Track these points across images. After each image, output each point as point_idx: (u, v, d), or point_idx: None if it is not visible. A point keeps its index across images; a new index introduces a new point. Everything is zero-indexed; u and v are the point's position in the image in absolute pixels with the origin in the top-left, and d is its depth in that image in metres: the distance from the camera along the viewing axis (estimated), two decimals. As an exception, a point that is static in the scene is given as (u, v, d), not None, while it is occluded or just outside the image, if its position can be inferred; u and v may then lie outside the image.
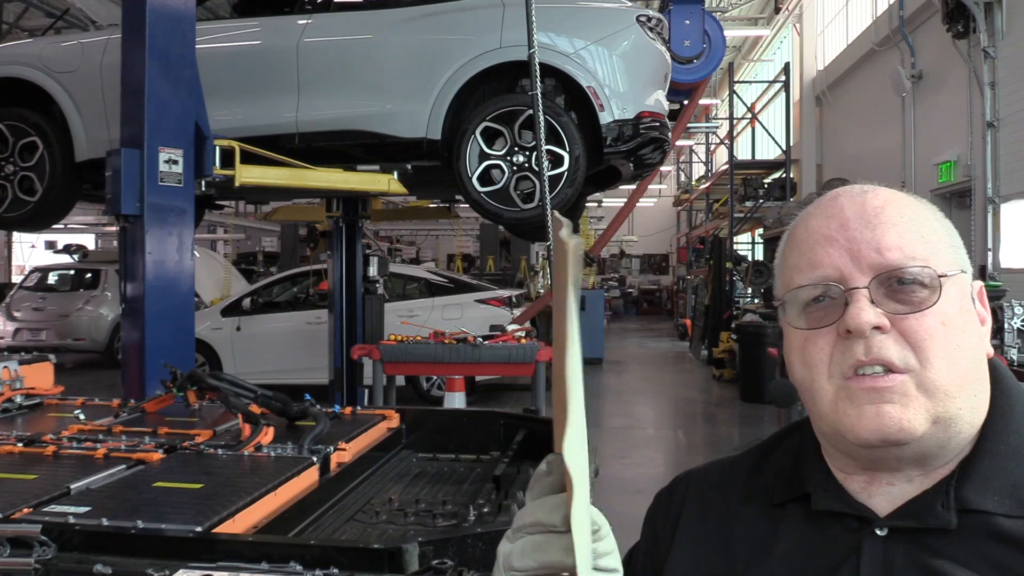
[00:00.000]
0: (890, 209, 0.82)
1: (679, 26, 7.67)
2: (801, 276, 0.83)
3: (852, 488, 0.84)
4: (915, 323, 0.78)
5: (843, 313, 0.80)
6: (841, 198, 0.85)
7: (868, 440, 0.78)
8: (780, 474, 0.91)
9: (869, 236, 0.81)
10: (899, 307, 0.79)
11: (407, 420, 2.66)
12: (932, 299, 0.79)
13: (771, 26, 19.48)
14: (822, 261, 0.82)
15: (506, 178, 4.86)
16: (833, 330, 0.80)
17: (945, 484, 0.79)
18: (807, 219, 0.86)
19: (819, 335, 0.81)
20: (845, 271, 0.81)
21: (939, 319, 0.78)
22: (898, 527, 0.79)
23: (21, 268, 21.98)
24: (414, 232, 26.86)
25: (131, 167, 3.77)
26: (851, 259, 0.81)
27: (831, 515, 0.83)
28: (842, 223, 0.83)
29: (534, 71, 3.24)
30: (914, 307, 0.79)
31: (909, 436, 0.77)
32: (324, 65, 5.19)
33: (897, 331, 0.78)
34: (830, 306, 0.81)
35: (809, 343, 0.82)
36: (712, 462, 1.01)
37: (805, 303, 0.83)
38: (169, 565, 1.30)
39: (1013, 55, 9.20)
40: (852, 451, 0.82)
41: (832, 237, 0.82)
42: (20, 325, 13.31)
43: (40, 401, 2.67)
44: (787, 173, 14.48)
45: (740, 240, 17.61)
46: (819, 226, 0.84)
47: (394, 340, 6.32)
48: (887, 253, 0.80)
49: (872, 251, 0.80)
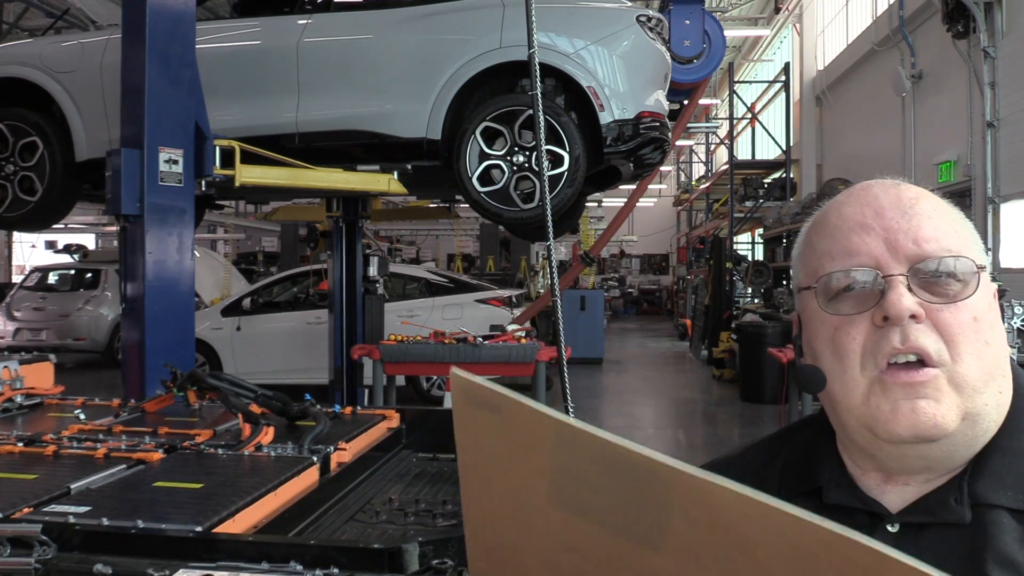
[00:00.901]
0: (924, 202, 0.83)
1: (679, 26, 7.67)
2: (834, 263, 0.82)
3: (866, 484, 0.84)
4: (949, 316, 0.78)
5: (879, 300, 0.79)
6: (874, 188, 0.85)
7: (901, 436, 0.77)
8: (790, 467, 0.90)
9: (906, 226, 0.81)
10: (933, 298, 0.79)
11: (407, 420, 2.66)
12: (966, 292, 0.79)
13: (771, 26, 19.47)
14: (859, 248, 0.81)
15: (506, 178, 4.86)
16: (867, 318, 0.80)
17: (958, 480, 0.79)
18: (839, 207, 0.85)
19: (852, 323, 0.80)
20: (882, 259, 0.80)
21: (971, 313, 0.79)
22: (910, 523, 0.79)
23: (21, 268, 21.98)
24: (414, 232, 26.85)
25: (131, 167, 3.77)
26: (888, 248, 0.80)
27: (842, 510, 0.83)
28: (877, 211, 0.82)
29: (534, 71, 3.23)
30: (948, 299, 0.79)
31: (942, 432, 0.77)
32: (324, 65, 5.19)
33: (931, 322, 0.78)
34: (864, 293, 0.80)
35: (841, 332, 0.81)
36: (721, 458, 1.00)
37: (836, 291, 0.82)
38: (169, 565, 1.30)
39: (1013, 55, 9.20)
40: (876, 447, 0.81)
41: (868, 225, 0.82)
42: (20, 325, 13.31)
43: (40, 401, 2.67)
44: (787, 173, 14.48)
45: (740, 240, 17.60)
46: (854, 213, 0.83)
47: (394, 340, 6.32)
48: (924, 244, 0.80)
49: (909, 241, 0.80)
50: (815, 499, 0.85)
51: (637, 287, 31.68)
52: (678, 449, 7.79)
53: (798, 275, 0.88)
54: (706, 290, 13.53)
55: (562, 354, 3.14)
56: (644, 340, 19.40)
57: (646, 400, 10.91)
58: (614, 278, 29.98)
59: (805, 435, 0.93)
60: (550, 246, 3.20)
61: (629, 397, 10.98)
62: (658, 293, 31.18)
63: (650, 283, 32.29)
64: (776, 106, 18.00)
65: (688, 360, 14.79)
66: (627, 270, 32.71)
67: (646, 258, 33.69)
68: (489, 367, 6.56)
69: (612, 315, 24.93)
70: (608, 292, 24.49)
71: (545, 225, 3.20)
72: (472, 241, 23.62)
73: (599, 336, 14.07)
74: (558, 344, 3.13)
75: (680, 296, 23.53)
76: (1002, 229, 9.55)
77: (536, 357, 6.00)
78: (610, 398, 10.79)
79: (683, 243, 26.63)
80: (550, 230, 3.19)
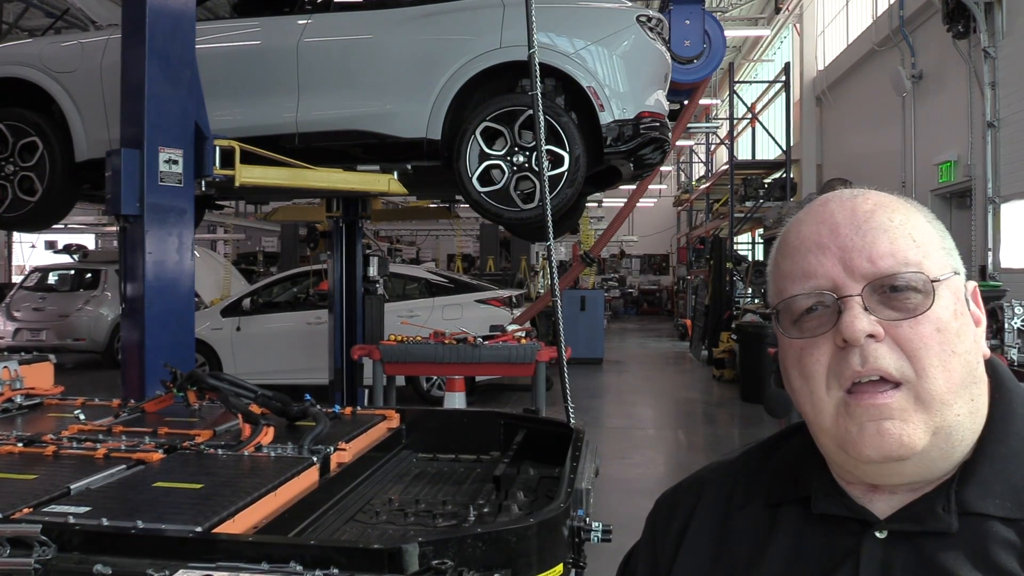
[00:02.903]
0: (880, 214, 0.81)
1: (679, 26, 7.67)
2: (794, 285, 0.82)
3: (853, 493, 0.84)
4: (909, 331, 0.77)
5: (837, 322, 0.79)
6: (831, 203, 0.84)
7: (870, 457, 0.77)
8: (779, 475, 0.90)
9: (859, 243, 0.80)
10: (893, 314, 0.78)
11: (407, 420, 2.66)
12: (926, 304, 0.78)
13: (771, 26, 19.47)
14: (815, 271, 0.81)
15: (506, 178, 4.86)
16: (829, 340, 0.80)
17: (946, 487, 0.79)
18: (798, 226, 0.86)
19: (815, 345, 0.81)
20: (838, 280, 0.80)
21: (934, 325, 0.78)
22: (898, 530, 0.79)
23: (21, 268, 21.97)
24: (414, 232, 26.84)
25: (131, 167, 3.77)
26: (843, 268, 0.80)
27: (830, 518, 0.83)
28: (832, 229, 0.82)
29: (534, 71, 3.24)
30: (908, 313, 0.78)
31: (910, 451, 0.77)
32: (324, 65, 5.19)
33: (891, 339, 0.77)
34: (824, 315, 0.80)
35: (805, 354, 0.81)
36: (719, 462, 1.00)
37: (799, 313, 0.82)
38: (169, 565, 1.30)
39: (1013, 55, 9.20)
40: (851, 465, 0.81)
41: (824, 245, 0.82)
42: (20, 325, 13.31)
43: (40, 401, 2.67)
44: (787, 173, 14.48)
45: (740, 240, 17.61)
46: (810, 233, 0.83)
47: (394, 340, 6.32)
48: (879, 261, 0.79)
49: (864, 259, 0.79)
50: (805, 507, 0.85)
51: (637, 287, 31.68)
52: (678, 449, 7.80)
53: (770, 294, 0.89)
54: (706, 290, 13.53)
55: (562, 354, 3.14)
56: (644, 340, 19.40)
57: (646, 400, 10.91)
58: (614, 278, 29.98)
59: (794, 443, 0.93)
60: (550, 246, 3.20)
61: (629, 397, 10.97)
62: (658, 293, 31.18)
63: (650, 283, 32.29)
64: (776, 106, 18.00)
65: (688, 360, 14.79)
66: (627, 270, 32.70)
67: (646, 258, 33.69)
68: (489, 367, 6.57)
69: (612, 315, 24.93)
70: (608, 292, 24.49)
71: (545, 225, 3.20)
72: (472, 241, 23.62)
73: (599, 336, 14.07)
74: (558, 344, 3.13)
75: (680, 296, 23.54)
76: (1002, 229, 9.55)
77: (536, 357, 6.00)
78: (610, 398, 10.78)
79: (683, 243, 26.62)
80: (550, 230, 3.19)
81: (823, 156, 17.19)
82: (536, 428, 2.56)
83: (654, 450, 7.75)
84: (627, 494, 5.58)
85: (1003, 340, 5.10)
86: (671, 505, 0.98)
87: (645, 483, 6.16)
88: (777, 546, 0.85)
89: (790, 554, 0.83)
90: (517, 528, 1.48)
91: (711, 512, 0.93)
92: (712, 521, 0.92)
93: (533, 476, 2.31)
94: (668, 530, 0.95)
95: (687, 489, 0.98)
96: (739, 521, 0.90)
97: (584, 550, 1.67)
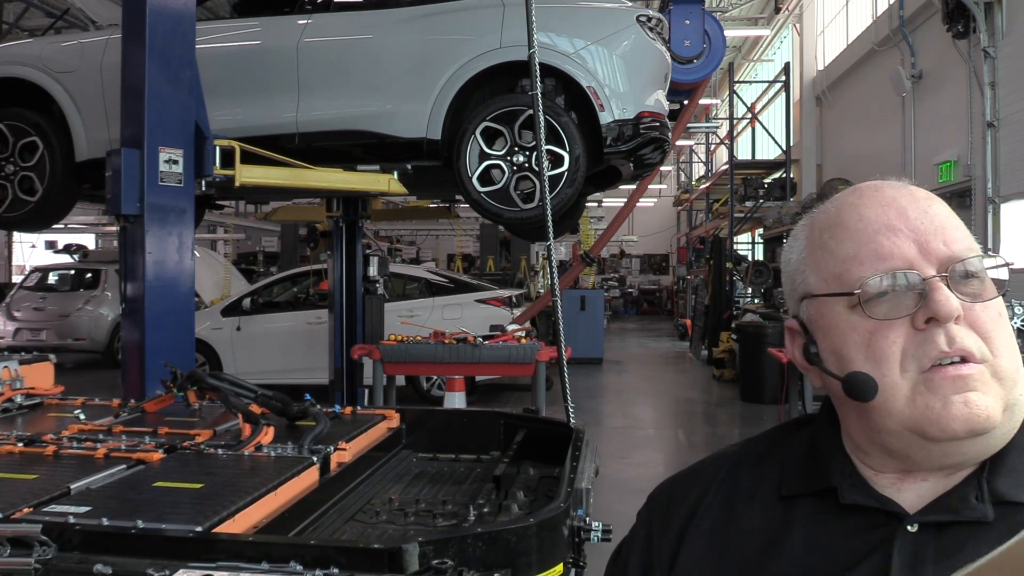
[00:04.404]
0: (936, 203, 0.83)
1: (679, 26, 7.67)
2: (863, 267, 0.81)
3: (880, 483, 0.83)
4: (982, 314, 0.79)
5: (922, 303, 0.78)
6: (887, 188, 0.84)
7: (955, 431, 0.76)
8: (792, 467, 0.89)
9: (931, 226, 0.80)
10: (965, 298, 0.79)
11: (407, 420, 2.66)
12: (992, 290, 0.80)
13: (771, 26, 19.47)
14: (890, 251, 0.80)
15: (506, 178, 4.86)
16: (906, 322, 0.79)
17: (976, 478, 0.79)
18: (856, 209, 0.84)
19: (890, 327, 0.79)
20: (915, 262, 0.79)
21: (998, 310, 0.80)
22: (929, 522, 0.78)
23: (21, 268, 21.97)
24: (414, 232, 26.85)
25: (131, 167, 3.77)
26: (919, 249, 0.80)
27: (854, 510, 0.82)
28: (900, 212, 0.81)
29: (534, 71, 3.23)
30: (979, 297, 0.79)
31: (993, 424, 0.77)
32: (324, 65, 5.19)
33: (966, 321, 0.78)
34: (900, 297, 0.79)
35: (878, 336, 0.80)
36: (718, 453, 0.99)
37: (872, 295, 0.80)
38: (169, 565, 1.30)
39: (1013, 55, 9.20)
40: (917, 448, 0.80)
41: (895, 226, 0.81)
42: (20, 325, 13.31)
43: (40, 401, 2.67)
44: (787, 173, 14.48)
45: (740, 240, 17.61)
46: (877, 215, 0.82)
47: (394, 340, 6.32)
48: (953, 245, 0.80)
49: (940, 242, 0.80)
50: (828, 499, 0.84)
51: (637, 287, 31.67)
52: (678, 449, 7.80)
53: (806, 280, 0.86)
54: (706, 290, 13.53)
55: (562, 354, 3.14)
56: (644, 340, 19.40)
57: (646, 400, 10.91)
58: (614, 278, 29.98)
59: (804, 435, 0.92)
60: (550, 246, 3.20)
61: (629, 397, 10.98)
62: (658, 293, 31.17)
63: (650, 283, 32.28)
64: (776, 106, 18.00)
65: (688, 360, 14.79)
66: (627, 270, 32.70)
67: (646, 258, 33.68)
68: (489, 367, 6.57)
69: (612, 315, 24.93)
70: (608, 292, 24.48)
71: (545, 225, 3.20)
72: (472, 241, 23.61)
73: (599, 336, 14.07)
74: (558, 344, 3.13)
75: (680, 296, 23.53)
76: (1002, 229, 9.55)
77: (536, 357, 6.00)
78: (610, 398, 10.78)
79: (683, 243, 26.63)
80: (550, 230, 3.19)
81: (823, 156, 17.20)
82: (536, 428, 2.56)
83: (654, 450, 7.75)
84: (627, 494, 5.58)
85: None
86: (668, 498, 0.96)
87: (645, 483, 6.16)
88: (794, 539, 0.83)
89: (809, 547, 0.82)
90: (517, 528, 1.48)
91: (714, 505, 0.91)
92: (716, 513, 0.90)
93: (533, 476, 2.31)
94: (666, 524, 0.93)
95: (686, 482, 0.97)
96: (746, 513, 0.88)
97: (584, 550, 1.67)
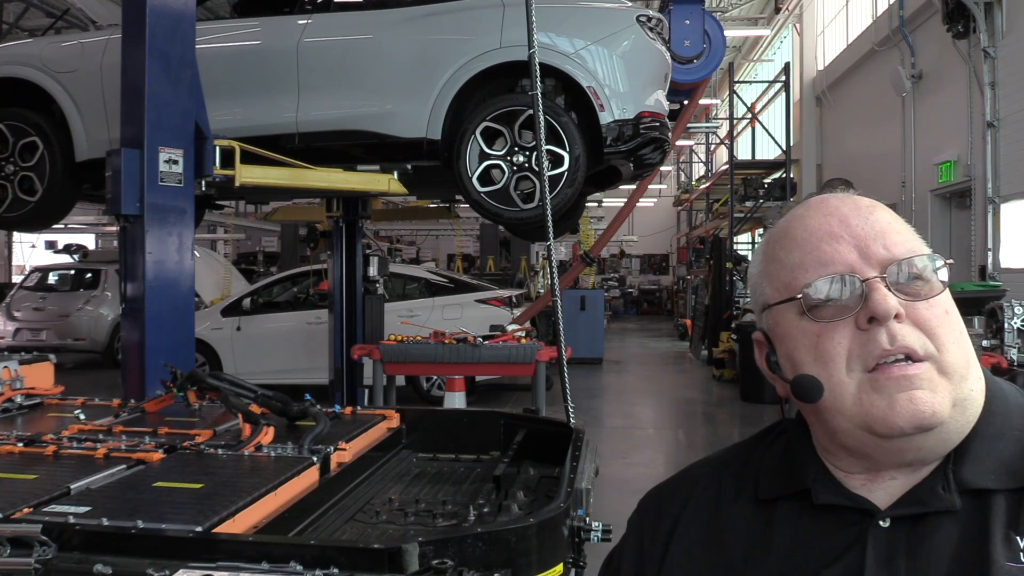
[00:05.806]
0: (880, 209, 0.86)
1: (679, 26, 7.68)
2: (808, 274, 0.84)
3: (852, 484, 0.85)
4: (926, 312, 0.81)
5: (862, 304, 0.81)
6: (829, 200, 0.88)
7: (902, 428, 0.79)
8: (769, 471, 0.91)
9: (871, 231, 0.83)
10: (907, 298, 0.81)
11: (407, 420, 2.66)
12: (937, 288, 0.82)
13: (771, 26, 19.47)
14: (832, 258, 0.83)
15: (506, 178, 4.86)
16: (850, 323, 0.82)
17: (942, 469, 0.81)
18: (801, 220, 0.88)
19: (835, 329, 0.82)
20: (856, 265, 0.82)
21: (943, 307, 0.82)
22: (901, 516, 0.81)
23: (21, 268, 21.97)
24: (414, 232, 26.84)
25: (131, 167, 3.77)
26: (860, 254, 0.83)
27: (829, 509, 0.84)
28: (842, 220, 0.85)
29: (534, 71, 3.24)
30: (922, 297, 0.81)
31: (939, 419, 0.79)
32: (324, 65, 5.19)
33: (910, 320, 0.80)
34: (844, 300, 0.82)
35: (824, 338, 0.83)
36: (700, 463, 1.01)
37: (818, 299, 0.83)
38: (169, 565, 1.30)
39: (1013, 55, 9.20)
40: (871, 446, 0.82)
41: (836, 234, 0.84)
42: (20, 325, 13.31)
43: (40, 401, 2.67)
44: (787, 173, 14.48)
45: (740, 240, 17.59)
46: (820, 224, 0.86)
47: (394, 340, 6.32)
48: (893, 248, 0.83)
49: (880, 246, 0.83)
50: (804, 501, 0.86)
51: (637, 287, 31.67)
52: (678, 449, 7.80)
53: (764, 292, 0.90)
54: (706, 290, 13.53)
55: (562, 354, 3.14)
56: (644, 340, 19.40)
57: (646, 400, 10.91)
58: (614, 278, 29.98)
59: (780, 440, 0.95)
60: (550, 246, 3.20)
61: (629, 397, 10.98)
62: (658, 293, 31.17)
63: (650, 283, 32.29)
64: (776, 106, 17.99)
65: (688, 360, 14.79)
66: (627, 270, 32.69)
67: (646, 258, 33.68)
68: (489, 367, 6.57)
69: (612, 315, 24.93)
70: (608, 292, 24.48)
71: (545, 225, 3.20)
72: (472, 241, 23.60)
73: (599, 336, 14.07)
74: (558, 344, 3.13)
75: (680, 296, 23.53)
76: (1002, 229, 9.55)
77: (536, 357, 6.00)
78: (610, 398, 10.78)
79: (683, 243, 26.61)
80: (550, 230, 3.19)
81: (823, 156, 17.19)
82: (536, 428, 2.57)
83: (654, 450, 7.75)
84: (627, 494, 5.56)
85: (1003, 340, 5.09)
86: (657, 504, 0.98)
87: (645, 483, 6.13)
88: (776, 540, 0.85)
89: (790, 547, 0.84)
90: (517, 528, 1.48)
91: (700, 509, 0.93)
92: (702, 518, 0.92)
93: (533, 476, 2.32)
94: (656, 530, 0.95)
95: (673, 488, 0.99)
96: (730, 517, 0.90)
97: (584, 550, 1.67)
